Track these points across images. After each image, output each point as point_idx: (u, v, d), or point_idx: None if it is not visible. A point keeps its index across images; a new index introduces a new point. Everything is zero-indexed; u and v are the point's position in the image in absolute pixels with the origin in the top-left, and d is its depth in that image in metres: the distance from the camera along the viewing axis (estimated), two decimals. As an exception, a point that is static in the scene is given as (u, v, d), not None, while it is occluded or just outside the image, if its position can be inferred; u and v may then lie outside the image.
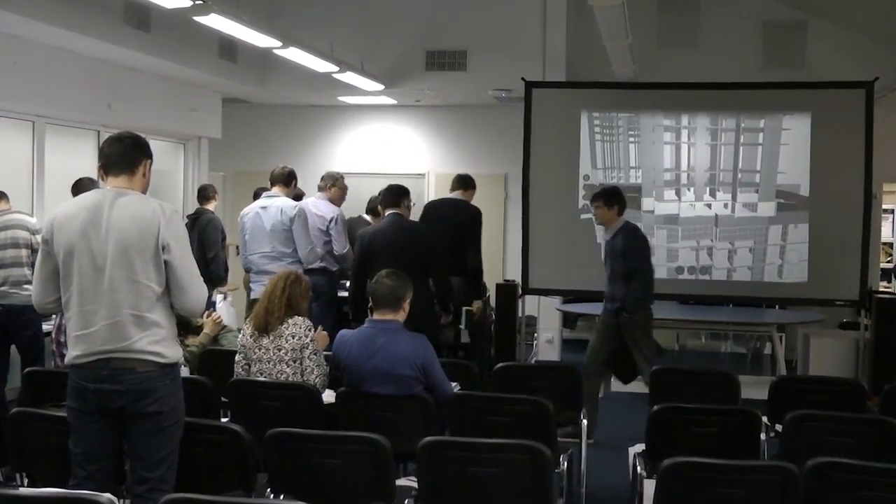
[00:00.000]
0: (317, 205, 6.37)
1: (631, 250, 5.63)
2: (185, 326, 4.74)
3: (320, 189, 6.51)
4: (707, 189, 7.69)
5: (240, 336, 4.12)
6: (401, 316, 3.95)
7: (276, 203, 5.85)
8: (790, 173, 7.56)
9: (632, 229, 5.76)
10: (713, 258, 7.67)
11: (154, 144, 3.46)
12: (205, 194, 7.78)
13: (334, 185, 6.47)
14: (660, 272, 7.70)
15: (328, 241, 6.30)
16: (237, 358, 4.10)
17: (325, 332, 4.19)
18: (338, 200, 6.54)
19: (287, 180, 6.01)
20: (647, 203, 7.74)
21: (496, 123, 10.23)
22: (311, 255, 5.85)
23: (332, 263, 6.35)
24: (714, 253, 7.67)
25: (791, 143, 7.56)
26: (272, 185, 6.00)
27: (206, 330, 4.82)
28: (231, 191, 10.51)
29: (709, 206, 7.68)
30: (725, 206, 7.66)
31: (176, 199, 9.12)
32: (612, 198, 5.74)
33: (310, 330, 4.00)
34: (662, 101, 7.80)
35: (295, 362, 3.97)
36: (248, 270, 6.00)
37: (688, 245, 7.72)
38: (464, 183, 6.51)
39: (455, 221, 6.15)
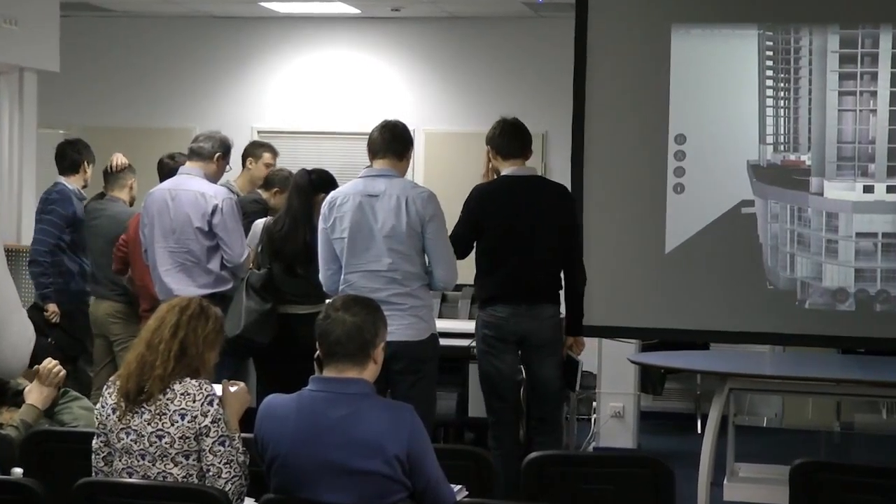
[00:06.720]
0: (191, 184, 6.54)
1: None
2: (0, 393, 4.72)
3: (199, 157, 6.63)
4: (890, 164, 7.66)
5: (98, 406, 4.12)
6: (370, 372, 3.94)
7: (395, 187, 5.87)
8: None
9: None
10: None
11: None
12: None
13: (225, 155, 6.66)
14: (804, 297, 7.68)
15: (213, 247, 6.46)
16: (94, 444, 4.11)
17: (243, 387, 4.19)
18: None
19: (400, 149, 6.02)
20: (790, 181, 7.75)
21: (528, 48, 10.26)
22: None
23: (225, 280, 6.55)
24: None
25: None
26: (374, 156, 5.99)
27: (30, 400, 4.79)
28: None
29: (894, 189, 7.64)
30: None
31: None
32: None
33: (212, 403, 3.99)
34: (811, 9, 7.80)
35: (188, 458, 3.98)
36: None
37: (857, 256, 7.69)
38: (522, 139, 6.53)
39: (548, 214, 6.40)
